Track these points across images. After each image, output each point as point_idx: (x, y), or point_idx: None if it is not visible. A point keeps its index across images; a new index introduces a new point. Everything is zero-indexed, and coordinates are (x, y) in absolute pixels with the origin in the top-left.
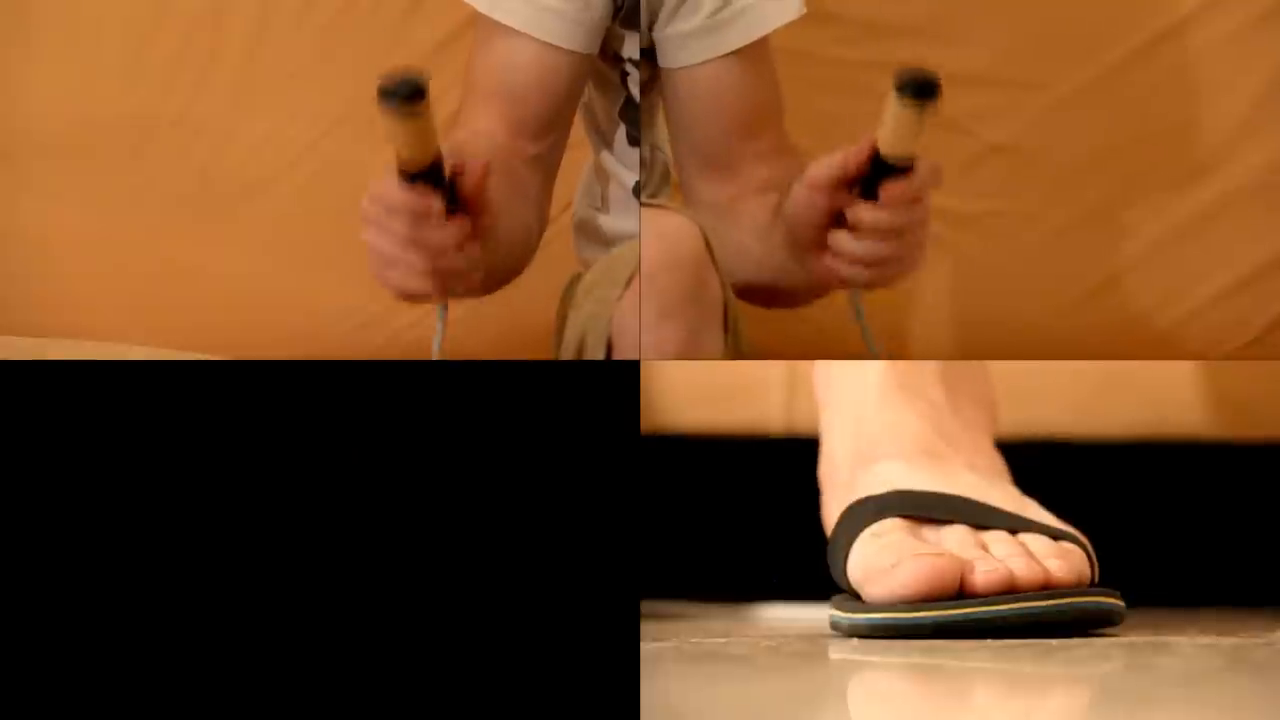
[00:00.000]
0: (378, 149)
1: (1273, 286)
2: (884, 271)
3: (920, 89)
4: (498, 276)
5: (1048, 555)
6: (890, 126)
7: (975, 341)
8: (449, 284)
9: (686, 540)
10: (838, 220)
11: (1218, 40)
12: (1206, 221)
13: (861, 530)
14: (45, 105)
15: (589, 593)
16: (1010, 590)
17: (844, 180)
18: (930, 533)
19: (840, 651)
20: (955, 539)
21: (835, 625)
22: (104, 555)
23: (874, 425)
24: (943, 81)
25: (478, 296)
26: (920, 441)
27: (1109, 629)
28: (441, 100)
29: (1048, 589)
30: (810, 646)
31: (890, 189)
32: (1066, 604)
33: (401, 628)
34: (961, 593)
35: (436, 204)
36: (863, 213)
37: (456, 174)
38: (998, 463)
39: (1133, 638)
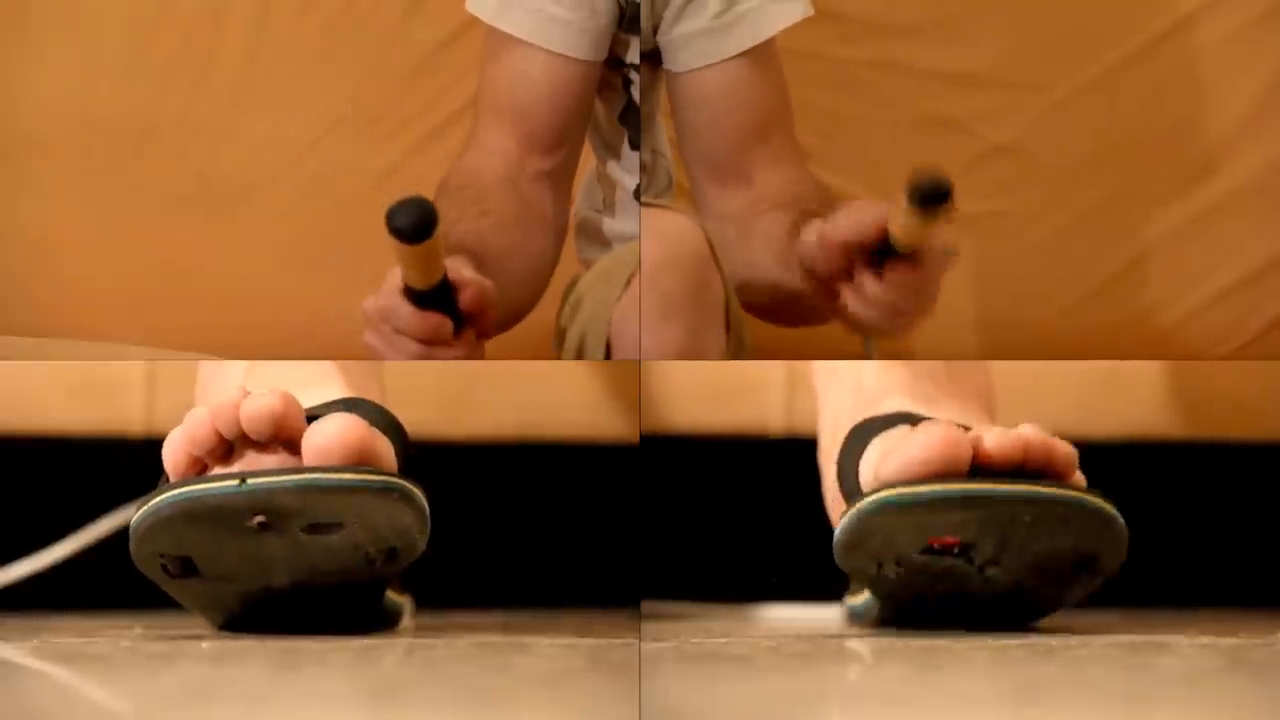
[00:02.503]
0: (378, 149)
1: (1273, 286)
2: (885, 331)
3: (929, 198)
4: (514, 313)
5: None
6: (900, 226)
7: (975, 341)
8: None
9: (687, 540)
10: (848, 272)
11: (1219, 40)
12: (1207, 221)
13: (872, 439)
14: (45, 105)
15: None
16: (1023, 459)
17: (856, 246)
18: None
19: (841, 652)
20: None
21: (849, 531)
22: None
23: (872, 384)
24: (945, 80)
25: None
26: (921, 393)
27: (1111, 632)
28: (441, 100)
29: (1053, 463)
30: (810, 646)
31: (894, 273)
32: (1073, 496)
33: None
34: (976, 469)
35: (445, 326)
36: (866, 284)
37: (459, 289)
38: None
39: (1133, 638)
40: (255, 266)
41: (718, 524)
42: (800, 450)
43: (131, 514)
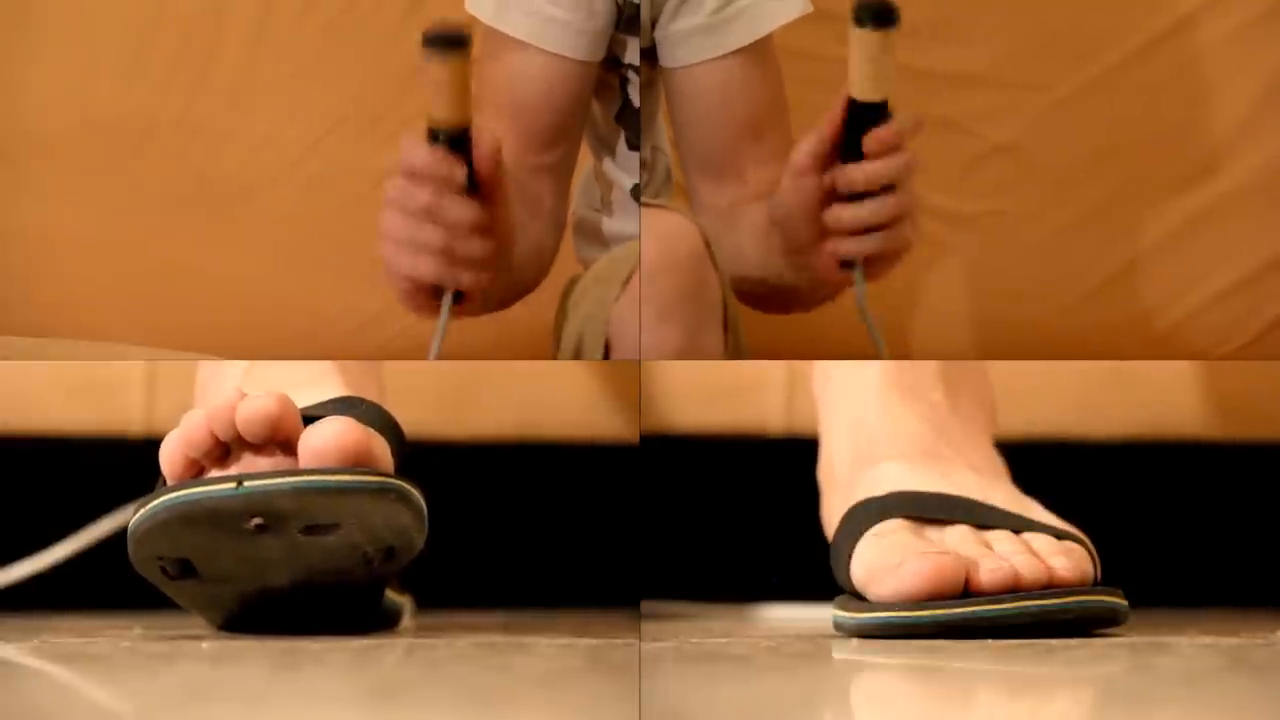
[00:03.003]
0: (378, 149)
1: (1273, 286)
2: (884, 242)
3: (878, 15)
4: (511, 291)
5: (1052, 553)
6: (857, 64)
7: (975, 341)
8: (457, 272)
9: (687, 540)
10: (829, 204)
11: (1218, 40)
12: (1207, 222)
13: (864, 531)
14: (45, 105)
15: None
16: (1015, 588)
17: (825, 149)
18: (933, 533)
19: (841, 652)
20: (958, 538)
21: (839, 626)
22: None
23: (873, 427)
24: (944, 80)
25: (490, 311)
26: (920, 443)
27: (1112, 629)
28: None
29: (1052, 587)
30: (810, 646)
31: (873, 137)
32: (1071, 602)
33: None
34: (967, 591)
35: (460, 173)
36: (852, 171)
37: (476, 144)
38: (998, 463)
39: (1133, 638)
40: (255, 266)
41: (718, 524)
42: (800, 450)
43: (130, 515)
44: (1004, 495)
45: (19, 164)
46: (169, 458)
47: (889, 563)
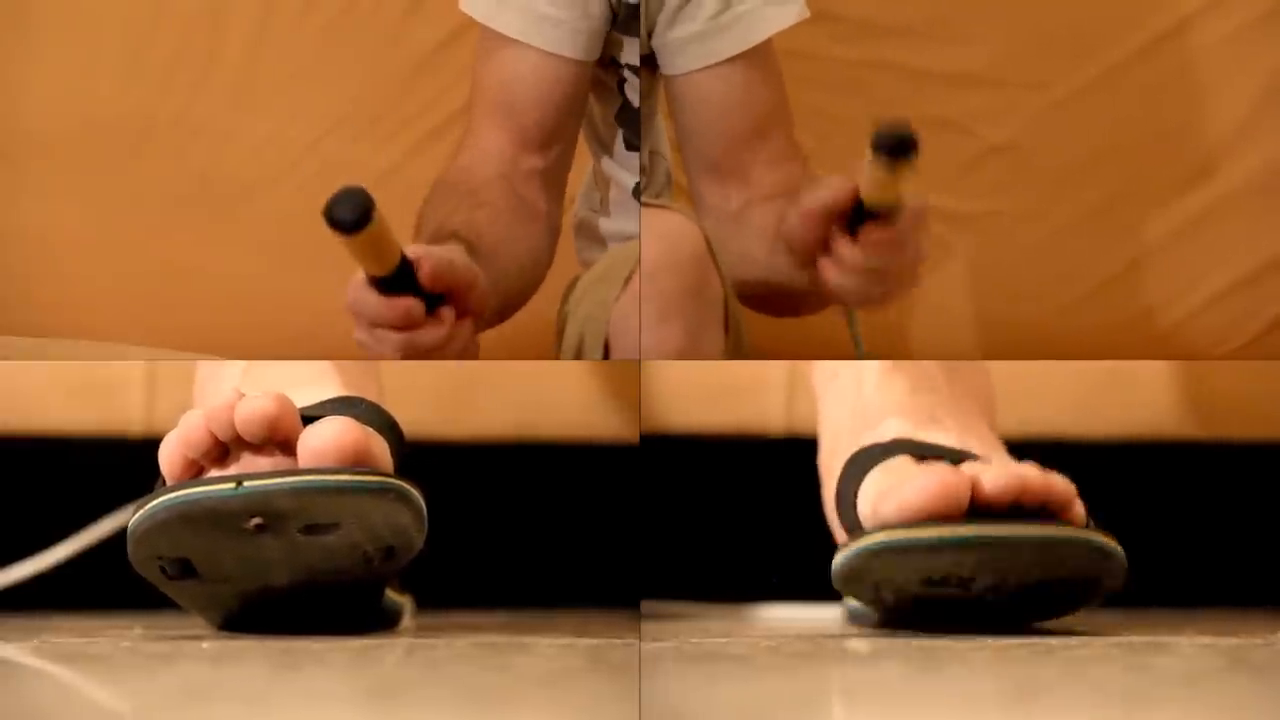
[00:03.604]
0: (378, 149)
1: (1273, 286)
2: (868, 298)
3: (895, 149)
4: (511, 304)
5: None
6: (868, 181)
7: (975, 341)
8: (448, 357)
9: (687, 540)
10: (829, 243)
11: (1217, 41)
12: (1206, 222)
13: (869, 471)
14: (45, 105)
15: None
16: (1020, 495)
17: (833, 214)
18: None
19: (841, 652)
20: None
21: (836, 573)
22: None
23: (872, 396)
24: (942, 80)
25: (489, 328)
26: (920, 411)
27: (1112, 634)
28: (441, 100)
29: (1051, 500)
30: (810, 646)
31: (868, 234)
32: (1071, 534)
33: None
34: (974, 509)
35: (416, 308)
36: (843, 249)
37: (417, 269)
38: (998, 442)
39: (1133, 638)
40: (255, 266)
41: (718, 524)
42: (800, 450)
43: (130, 515)
44: (1003, 459)
45: (19, 164)
46: (168, 458)
47: (893, 484)
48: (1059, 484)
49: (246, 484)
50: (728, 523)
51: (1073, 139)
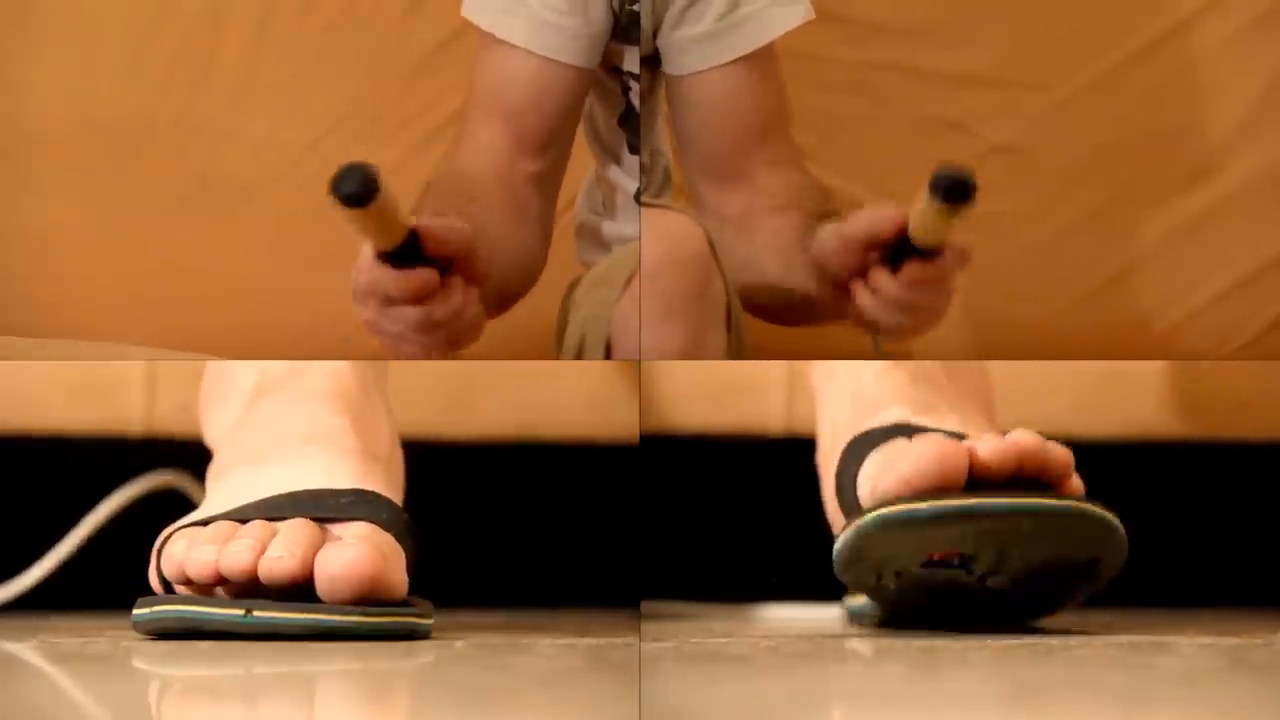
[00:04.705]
0: (378, 149)
1: (1273, 286)
2: (896, 330)
3: (953, 193)
4: (504, 300)
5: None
6: (920, 220)
7: (975, 341)
8: (465, 342)
9: (687, 540)
10: (862, 271)
11: (1218, 41)
12: (1207, 222)
13: (869, 453)
14: (45, 105)
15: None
16: (1018, 463)
17: (875, 244)
18: None
19: (841, 652)
20: None
21: (837, 557)
22: None
23: (870, 389)
24: (944, 81)
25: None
26: (919, 400)
27: (1112, 633)
28: (441, 100)
29: (1050, 468)
30: (810, 646)
31: (912, 270)
32: (1070, 505)
33: None
34: (973, 481)
35: (432, 277)
36: (882, 282)
37: (425, 237)
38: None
39: (1133, 638)
40: (255, 266)
41: (718, 524)
42: (800, 450)
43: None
44: None
45: (19, 164)
46: (173, 571)
47: (890, 460)
48: (1057, 453)
49: (257, 614)
50: (728, 523)
51: (1074, 139)
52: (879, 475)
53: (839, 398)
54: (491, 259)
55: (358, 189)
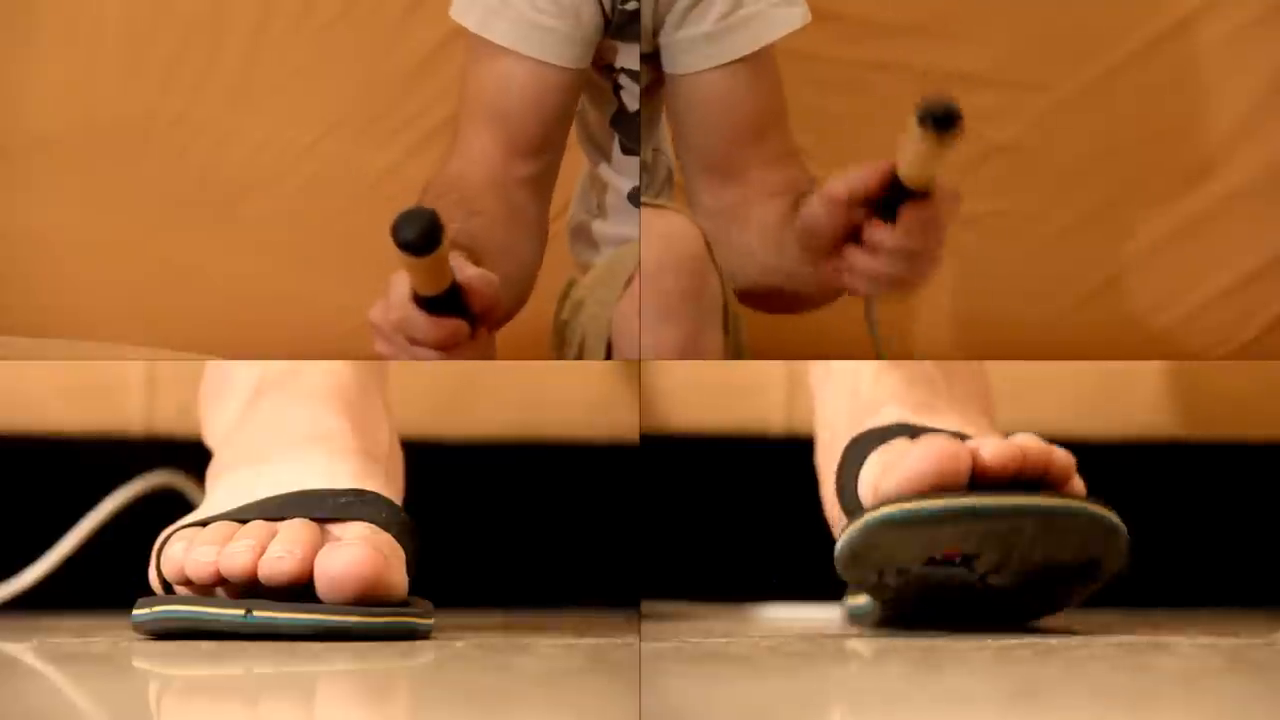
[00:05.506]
0: (378, 149)
1: (1273, 286)
2: (895, 287)
3: (941, 121)
4: (506, 311)
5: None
6: (910, 155)
7: (975, 341)
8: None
9: (687, 540)
10: (853, 234)
11: (1218, 41)
12: (1206, 222)
13: (869, 453)
14: (45, 105)
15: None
16: (1021, 466)
17: (862, 198)
18: None
19: (841, 652)
20: None
21: (838, 557)
22: None
23: (869, 390)
24: (944, 80)
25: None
26: (918, 400)
27: (1111, 635)
28: (441, 100)
29: (1052, 471)
30: (810, 646)
31: (909, 214)
32: (1074, 505)
33: None
34: (975, 481)
35: (463, 329)
36: (879, 234)
37: (468, 291)
38: (996, 433)
39: (1133, 638)
40: (255, 266)
41: (718, 524)
42: (800, 450)
43: (130, 493)
44: None
45: (19, 164)
46: (172, 571)
47: (892, 460)
48: (1058, 455)
49: (256, 614)
50: (728, 523)
51: (1074, 139)
52: (881, 474)
53: (838, 397)
54: (494, 274)
55: (421, 239)
